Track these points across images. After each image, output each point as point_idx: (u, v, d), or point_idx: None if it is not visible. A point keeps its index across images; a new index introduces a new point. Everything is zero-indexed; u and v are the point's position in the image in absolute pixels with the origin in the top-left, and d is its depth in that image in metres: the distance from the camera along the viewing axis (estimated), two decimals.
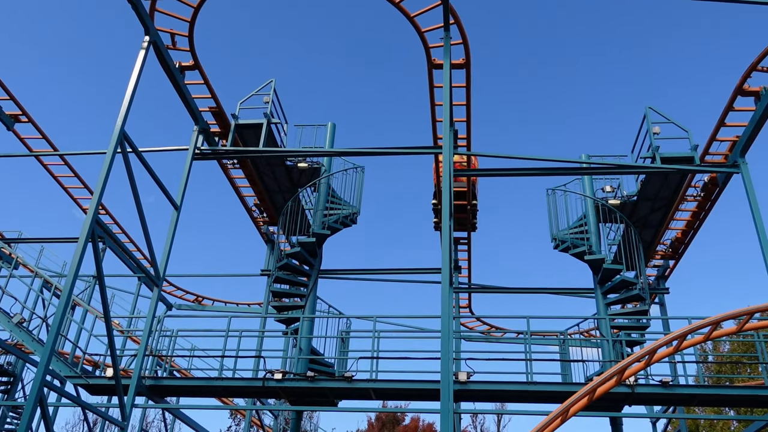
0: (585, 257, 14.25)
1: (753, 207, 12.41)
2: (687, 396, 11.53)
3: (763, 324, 10.43)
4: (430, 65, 13.27)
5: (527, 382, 11.56)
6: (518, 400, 12.34)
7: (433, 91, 13.73)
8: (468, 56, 13.31)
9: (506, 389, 11.67)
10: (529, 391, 11.62)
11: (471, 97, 14.14)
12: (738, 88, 12.61)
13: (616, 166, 14.00)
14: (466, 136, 14.71)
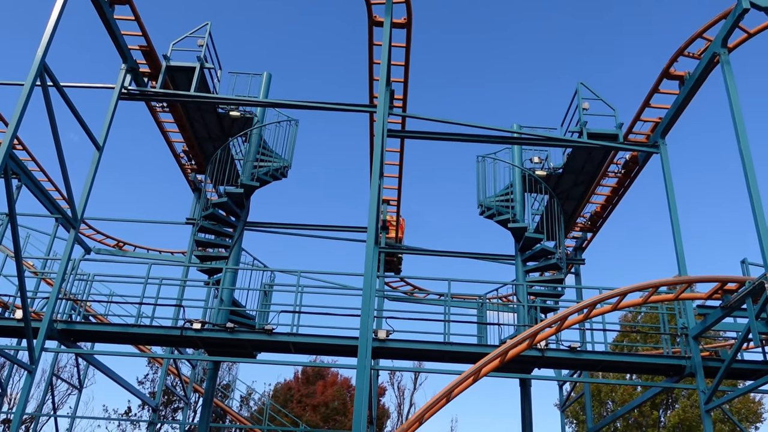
0: (509, 225, 14.64)
1: (668, 186, 13.04)
2: (592, 361, 12.15)
3: (666, 297, 11.09)
4: (371, 22, 13.09)
5: (444, 342, 11.90)
6: (435, 359, 12.70)
7: (372, 48, 13.57)
8: (410, 16, 13.19)
9: (423, 348, 11.97)
10: (445, 351, 11.97)
11: (410, 58, 14.07)
12: (664, 72, 13.07)
13: (545, 138, 14.33)
14: (402, 98, 14.67)
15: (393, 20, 12.79)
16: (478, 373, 10.00)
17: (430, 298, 21.00)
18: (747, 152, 10.07)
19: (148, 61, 14.01)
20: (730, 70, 10.88)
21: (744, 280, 10.02)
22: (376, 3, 12.86)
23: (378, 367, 13.28)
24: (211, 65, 14.74)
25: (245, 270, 14.40)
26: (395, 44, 13.51)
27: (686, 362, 11.55)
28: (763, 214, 9.60)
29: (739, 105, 10.49)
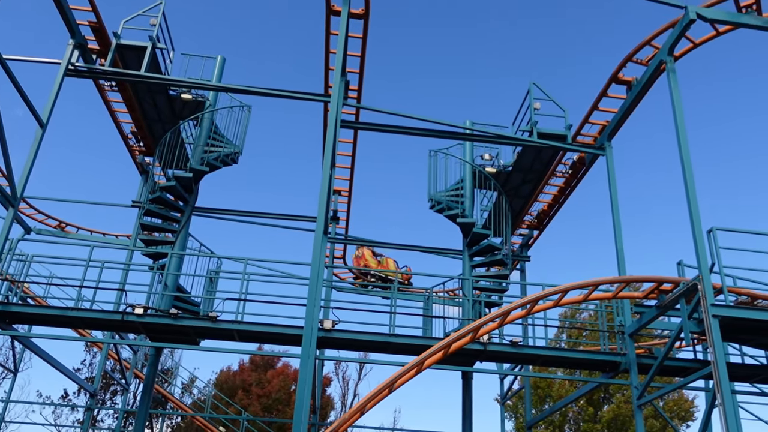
0: (457, 220, 14.82)
1: (612, 188, 13.42)
2: (532, 356, 12.44)
3: (605, 295, 11.42)
4: (329, 11, 13.01)
5: (389, 334, 11.99)
6: (380, 351, 12.79)
7: (329, 38, 13.51)
8: (368, 7, 13.17)
9: (368, 339, 12.04)
10: (390, 343, 12.06)
11: (367, 50, 14.07)
12: (613, 76, 13.42)
13: (496, 136, 14.54)
14: (357, 89, 14.67)
15: (351, 10, 12.75)
16: (421, 365, 10.12)
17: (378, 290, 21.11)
18: (687, 158, 10.42)
19: (97, 38, 13.61)
20: (675, 77, 11.24)
21: (679, 281, 10.40)
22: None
23: (323, 357, 13.30)
24: (163, 45, 14.41)
25: (191, 256, 14.20)
26: (352, 35, 13.48)
27: (621, 359, 11.95)
28: (699, 219, 9.96)
29: (682, 111, 10.84)
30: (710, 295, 9.15)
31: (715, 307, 9.05)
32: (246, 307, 12.08)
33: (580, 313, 28.96)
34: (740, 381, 13.23)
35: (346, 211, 18.84)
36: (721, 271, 9.41)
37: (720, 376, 8.62)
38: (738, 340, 11.81)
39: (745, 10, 11.43)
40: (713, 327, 8.90)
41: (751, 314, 9.37)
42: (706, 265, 9.44)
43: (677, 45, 11.59)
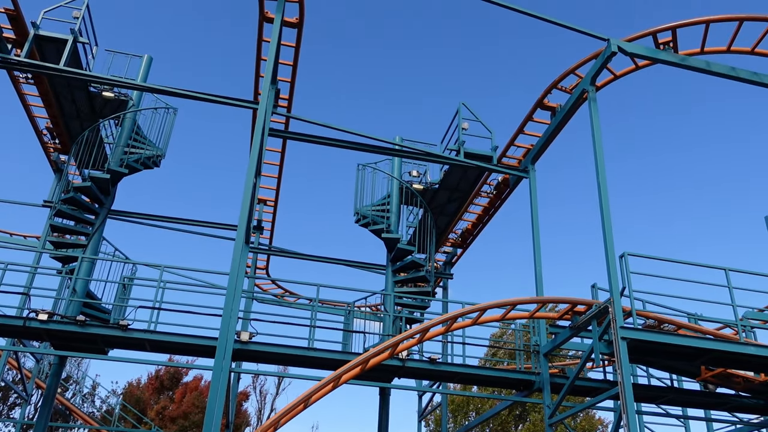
0: (382, 235, 14.82)
1: (533, 210, 13.75)
2: (450, 373, 12.51)
3: (522, 315, 11.63)
4: (262, 17, 12.82)
5: (307, 347, 11.79)
6: (298, 365, 12.55)
7: (261, 44, 13.31)
8: (302, 16, 13.06)
9: (287, 353, 11.81)
10: (308, 357, 11.86)
11: (299, 59, 13.93)
12: (539, 102, 13.81)
13: (424, 153, 14.66)
14: (288, 97, 14.49)
15: (284, 18, 12.60)
16: (338, 380, 9.98)
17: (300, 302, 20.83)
18: (603, 184, 10.77)
19: (13, 27, 12.91)
20: (595, 106, 11.64)
21: (592, 303, 10.70)
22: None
23: (237, 369, 12.92)
24: (86, 40, 13.82)
25: (104, 261, 13.57)
26: (285, 43, 13.32)
27: (535, 378, 12.17)
28: (612, 244, 10.29)
29: (600, 139, 11.22)
30: (620, 317, 9.44)
31: (623, 330, 9.34)
32: (160, 316, 11.64)
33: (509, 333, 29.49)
34: (646, 402, 13.73)
35: (271, 221, 18.54)
36: (630, 294, 9.73)
37: (626, 396, 8.88)
38: (645, 362, 12.27)
39: (663, 46, 11.99)
40: (621, 349, 9.17)
41: (657, 337, 9.73)
42: (617, 289, 9.75)
43: (599, 75, 12.03)
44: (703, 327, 12.21)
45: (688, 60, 11.90)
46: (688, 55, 12.19)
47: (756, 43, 12.73)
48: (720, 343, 10.01)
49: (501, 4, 11.69)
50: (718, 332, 12.33)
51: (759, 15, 12.32)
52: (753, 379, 12.03)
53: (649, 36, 11.97)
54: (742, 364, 10.86)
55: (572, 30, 11.85)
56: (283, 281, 17.38)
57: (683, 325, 11.67)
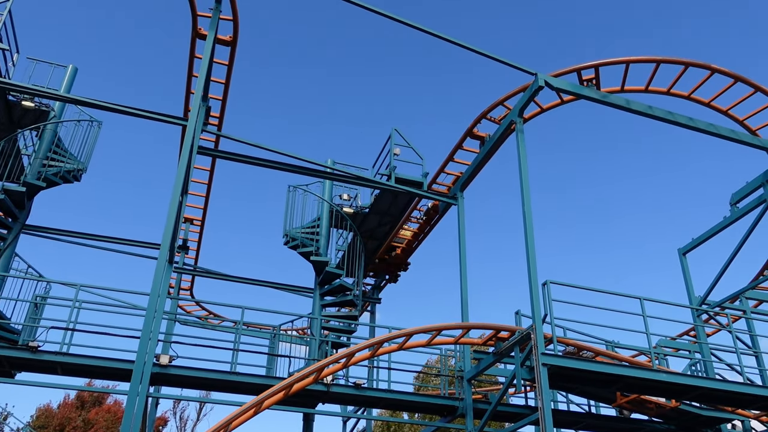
0: (311, 258, 14.70)
1: (461, 237, 13.95)
2: (375, 399, 12.44)
3: (447, 340, 11.73)
4: (195, 34, 12.64)
5: (229, 372, 11.50)
6: (221, 389, 12.22)
7: (193, 60, 13.09)
8: (236, 35, 12.94)
9: (208, 377, 11.47)
10: (230, 381, 11.57)
11: (231, 77, 13.77)
12: (468, 131, 14.12)
13: (356, 177, 14.68)
14: (219, 116, 14.28)
15: (218, 36, 12.46)
16: (260, 405, 9.75)
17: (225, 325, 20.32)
18: (529, 213, 11.06)
19: None
20: (522, 137, 11.98)
21: (515, 329, 10.92)
22: (202, 15, 12.46)
23: (155, 394, 12.44)
24: (6, 46, 13.22)
25: (15, 278, 12.85)
26: (218, 61, 13.16)
27: (459, 403, 12.26)
28: (536, 272, 10.53)
29: (526, 169, 11.53)
30: (541, 344, 9.65)
31: (544, 356, 9.54)
32: (74, 337, 11.09)
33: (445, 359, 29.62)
34: (565, 427, 14.04)
35: (197, 241, 18.09)
36: (552, 322, 9.97)
37: (545, 422, 9.04)
38: (565, 388, 12.55)
39: (587, 83, 12.51)
40: (542, 375, 9.36)
41: (576, 364, 9.98)
42: (540, 316, 9.97)
43: (527, 108, 12.42)
44: (619, 354, 12.64)
45: (609, 97, 12.44)
46: (609, 93, 12.76)
47: (671, 84, 13.47)
48: (634, 370, 10.36)
49: (436, 35, 11.93)
50: (633, 359, 12.79)
51: (675, 58, 13.07)
52: (664, 405, 12.50)
53: (574, 72, 12.48)
54: (655, 390, 11.27)
55: (502, 63, 12.21)
56: (208, 303, 16.90)
57: (601, 352, 12.04)
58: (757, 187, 14.21)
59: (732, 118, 14.04)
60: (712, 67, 12.98)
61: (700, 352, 13.64)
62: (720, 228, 15.37)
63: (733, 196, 14.99)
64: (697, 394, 11.05)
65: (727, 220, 15.16)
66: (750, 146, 13.59)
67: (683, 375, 10.87)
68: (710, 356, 13.78)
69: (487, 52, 11.98)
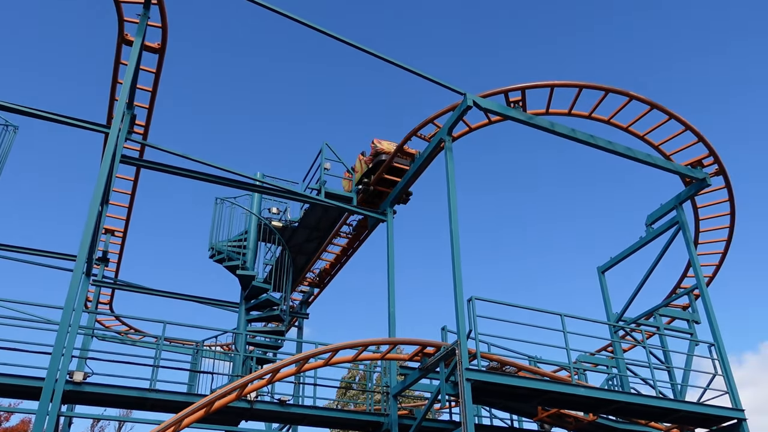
0: (237, 272, 14.43)
1: (389, 253, 14.01)
2: (299, 415, 12.27)
3: (374, 356, 11.72)
4: (121, 39, 12.24)
5: (148, 389, 11.10)
6: (140, 408, 11.76)
7: (119, 66, 12.66)
8: (164, 43, 12.62)
9: (126, 395, 11.04)
10: (149, 399, 11.16)
11: (159, 86, 13.42)
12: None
13: (285, 191, 14.54)
14: (144, 124, 13.86)
15: (145, 42, 12.13)
16: (180, 424, 9.43)
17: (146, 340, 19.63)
18: (456, 230, 11.21)
19: None
20: (451, 155, 12.18)
21: (440, 345, 11.01)
22: (129, 21, 12.12)
23: (68, 413, 11.85)
24: None
25: None
26: (145, 68, 12.79)
27: (384, 419, 12.24)
28: (461, 288, 10.66)
29: (454, 187, 11.71)
30: (465, 359, 9.77)
31: (468, 371, 9.66)
32: None
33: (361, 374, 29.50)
34: None
35: (118, 253, 17.42)
36: (476, 337, 10.10)
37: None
38: (488, 403, 12.76)
39: (513, 105, 12.87)
40: (466, 390, 9.46)
41: (500, 379, 10.16)
42: (464, 332, 10.10)
43: (455, 126, 12.65)
44: (540, 369, 12.97)
45: (534, 119, 12.83)
46: (535, 114, 13.17)
47: (593, 109, 14.02)
48: (555, 385, 10.63)
49: (370, 52, 11.98)
50: (554, 374, 13.12)
51: (596, 84, 13.63)
52: (583, 419, 12.88)
53: (502, 94, 12.82)
54: (574, 404, 11.59)
55: (433, 82, 12.40)
56: (128, 317, 16.28)
57: (523, 367, 12.32)
58: (670, 209, 14.94)
59: (648, 143, 14.73)
60: (631, 94, 13.59)
61: (617, 366, 14.18)
62: (636, 247, 16.06)
63: (648, 217, 15.70)
64: (613, 407, 11.43)
65: (642, 240, 15.86)
66: (664, 170, 14.29)
67: (600, 389, 11.25)
68: (626, 371, 14.34)
69: (418, 71, 12.15)
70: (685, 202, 14.80)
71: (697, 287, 13.90)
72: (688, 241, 14.11)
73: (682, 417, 11.90)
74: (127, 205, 16.10)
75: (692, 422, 12.44)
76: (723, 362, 12.55)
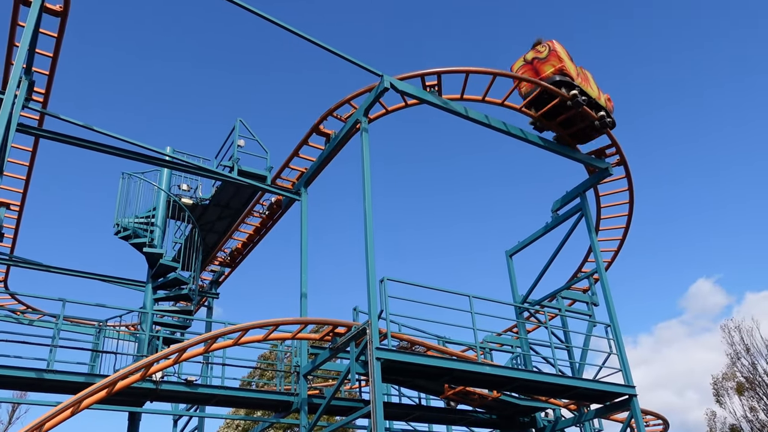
0: (144, 249, 13.94)
1: (303, 233, 13.93)
2: (207, 395, 12.07)
3: (284, 336, 11.67)
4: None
5: (46, 369, 10.61)
6: (37, 389, 11.26)
7: (15, 28, 11.85)
8: (67, 5, 11.91)
9: (19, 375, 10.50)
10: (46, 380, 10.67)
11: (61, 52, 12.66)
12: (314, 127, 14.12)
13: (196, 167, 14.11)
14: (44, 92, 13.06)
15: (46, 4, 11.39)
16: (78, 405, 9.07)
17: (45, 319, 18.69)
18: (369, 211, 11.23)
19: None
20: (367, 137, 12.18)
21: (351, 324, 11.10)
22: None
23: None
24: None
25: None
26: (46, 32, 12.03)
27: (294, 399, 12.25)
28: (374, 269, 10.71)
29: (369, 167, 11.70)
30: (376, 339, 9.89)
31: (378, 350, 9.79)
32: None
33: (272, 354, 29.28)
34: (397, 419, 14.53)
35: (14, 228, 16.43)
36: (387, 317, 10.24)
37: (376, 414, 9.27)
38: (397, 382, 13.00)
39: (430, 89, 13.01)
40: (375, 369, 9.59)
41: (409, 358, 10.36)
42: (376, 312, 10.21)
43: (372, 108, 12.66)
44: (449, 349, 13.33)
45: (449, 104, 13.04)
46: (450, 99, 13.37)
47: (505, 96, 14.38)
48: (461, 363, 10.96)
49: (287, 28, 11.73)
50: (462, 354, 13.52)
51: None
52: (487, 396, 13.36)
53: (419, 78, 12.93)
54: (480, 382, 12.01)
55: (350, 62, 12.33)
56: (24, 295, 15.44)
57: (432, 346, 12.62)
58: (574, 196, 15.61)
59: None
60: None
61: (521, 346, 14.75)
62: (542, 233, 16.69)
63: (554, 203, 16.35)
64: (516, 385, 11.92)
65: (548, 226, 16.50)
66: (570, 158, 14.91)
67: (505, 368, 11.67)
68: (529, 350, 14.95)
69: (335, 50, 12.02)
70: (588, 190, 15.50)
71: (596, 271, 14.62)
72: (589, 227, 14.81)
73: (579, 393, 12.57)
74: (24, 177, 15.16)
75: (588, 398, 13.17)
76: (618, 342, 13.30)
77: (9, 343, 11.05)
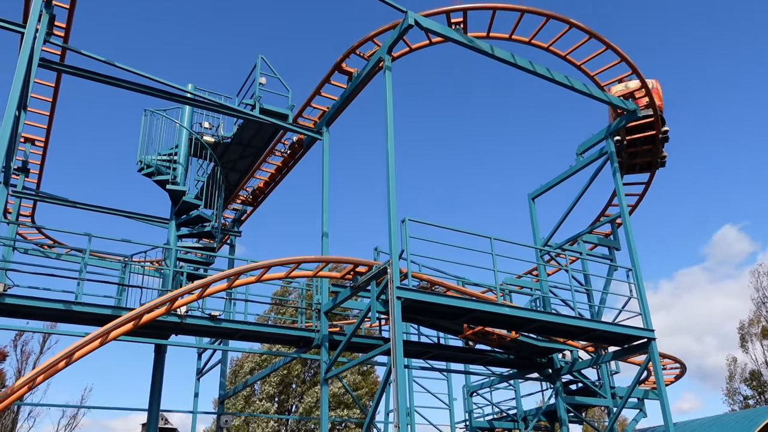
0: (167, 186, 14.03)
1: (324, 172, 13.91)
2: (231, 330, 12.34)
3: (306, 273, 11.80)
4: None
5: (74, 302, 10.87)
6: (65, 321, 11.57)
7: None
8: None
9: (50, 307, 10.77)
10: (75, 312, 10.96)
11: None
12: (336, 65, 13.89)
13: (218, 105, 14.04)
14: (65, 26, 12.94)
15: None
16: (107, 336, 9.33)
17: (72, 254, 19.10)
18: (391, 151, 11.12)
19: None
20: (390, 75, 11.95)
21: (372, 264, 11.17)
22: None
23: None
24: None
25: None
26: None
27: (315, 335, 12.48)
28: (395, 209, 10.69)
29: (392, 107, 11.53)
30: (397, 278, 9.95)
31: (399, 290, 9.86)
32: None
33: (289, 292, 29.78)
34: (416, 357, 14.79)
35: (39, 163, 16.62)
36: (408, 258, 10.28)
37: (396, 351, 9.42)
38: (417, 321, 13.17)
39: (455, 26, 12.67)
40: (395, 307, 9.68)
41: (428, 297, 10.44)
42: (397, 252, 10.23)
43: (395, 46, 12.38)
44: (468, 290, 13.40)
45: (475, 42, 12.69)
46: (476, 38, 13.01)
47: (533, 35, 13.98)
48: (481, 304, 11.02)
49: None
50: (481, 295, 13.60)
51: (537, 9, 13.55)
52: (505, 336, 13.50)
53: (444, 14, 12.57)
54: (498, 323, 12.11)
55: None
56: (51, 229, 15.73)
57: (451, 287, 12.70)
58: (600, 139, 15.31)
59: (584, 72, 14.90)
60: (571, 21, 13.58)
61: (540, 289, 14.80)
62: (566, 176, 16.49)
63: (579, 146, 16.07)
64: (534, 326, 11.99)
65: (572, 169, 16.28)
66: (599, 101, 14.55)
67: (524, 309, 11.72)
68: (548, 293, 15.00)
69: None
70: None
71: (620, 216, 14.47)
72: (615, 171, 14.57)
73: (598, 335, 12.63)
74: (47, 113, 15.24)
75: (606, 341, 13.24)
76: (638, 286, 13.27)
77: (38, 275, 11.30)
